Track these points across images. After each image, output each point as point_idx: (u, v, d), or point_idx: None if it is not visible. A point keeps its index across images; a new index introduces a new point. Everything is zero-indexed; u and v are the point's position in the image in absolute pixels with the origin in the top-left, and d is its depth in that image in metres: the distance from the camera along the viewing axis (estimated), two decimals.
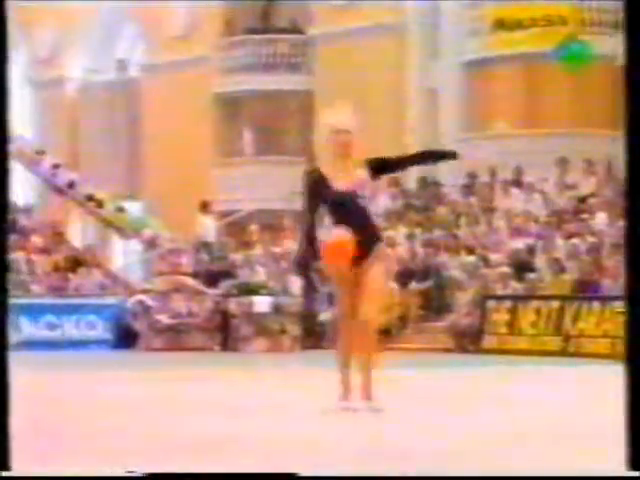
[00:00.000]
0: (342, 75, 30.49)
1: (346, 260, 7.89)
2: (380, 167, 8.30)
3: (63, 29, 37.89)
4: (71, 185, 30.85)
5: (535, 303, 23.23)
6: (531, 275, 23.50)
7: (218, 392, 12.38)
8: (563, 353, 21.77)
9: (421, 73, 32.02)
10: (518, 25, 31.32)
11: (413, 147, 26.84)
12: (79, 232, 32.37)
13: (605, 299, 22.62)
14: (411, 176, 29.47)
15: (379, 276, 8.25)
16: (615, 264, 23.01)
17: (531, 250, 24.62)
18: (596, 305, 22.78)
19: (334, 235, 7.99)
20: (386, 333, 22.14)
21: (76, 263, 26.67)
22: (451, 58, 31.85)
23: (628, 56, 3.79)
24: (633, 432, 3.58)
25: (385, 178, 12.67)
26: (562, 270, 23.70)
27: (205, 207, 29.18)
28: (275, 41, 34.31)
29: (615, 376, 4.97)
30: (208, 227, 29.28)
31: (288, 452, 6.56)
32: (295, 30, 34.72)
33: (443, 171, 29.37)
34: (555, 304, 22.88)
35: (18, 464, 3.80)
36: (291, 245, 25.04)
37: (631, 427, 3.58)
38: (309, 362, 19.53)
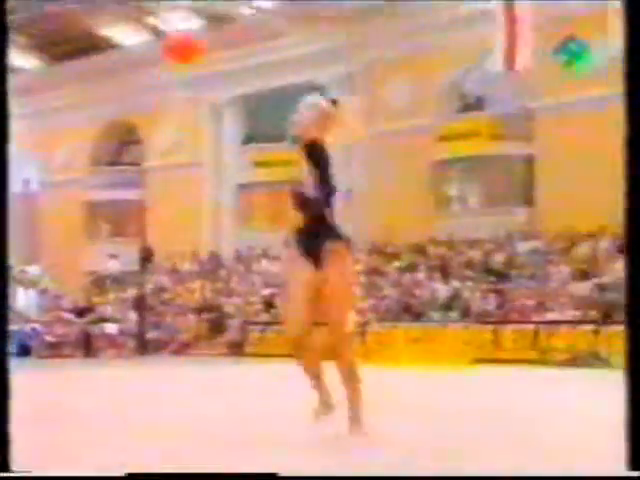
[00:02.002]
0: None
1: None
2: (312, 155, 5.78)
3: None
4: None
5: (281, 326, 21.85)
6: (272, 310, 24.39)
7: (84, 378, 14.90)
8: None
9: None
10: None
11: None
12: None
13: None
14: (204, 250, 31.20)
15: (342, 277, 5.77)
16: None
17: (273, 295, 25.08)
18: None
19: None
20: (186, 345, 24.56)
21: None
22: None
23: (628, 57, 3.01)
24: (633, 432, 2.90)
25: None
26: None
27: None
28: None
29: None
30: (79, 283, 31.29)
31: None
32: None
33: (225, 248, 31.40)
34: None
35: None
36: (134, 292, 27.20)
37: (631, 427, 2.91)
38: (142, 363, 20.72)
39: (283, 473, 2.84)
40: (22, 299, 29.24)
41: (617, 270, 20.77)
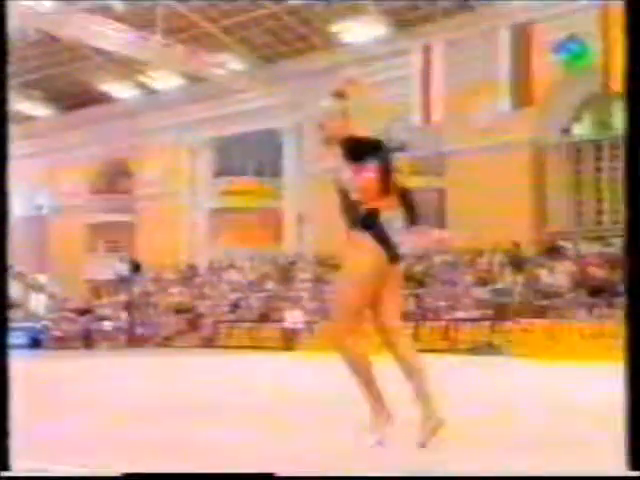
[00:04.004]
0: None
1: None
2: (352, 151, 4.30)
3: None
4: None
5: (245, 324, 23.62)
6: (238, 311, 25.00)
7: (85, 364, 15.11)
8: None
9: None
10: None
11: None
12: (13, 291, 27.23)
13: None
14: (182, 262, 31.02)
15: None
16: None
17: (238, 298, 25.77)
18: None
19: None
20: (167, 339, 24.46)
21: (12, 306, 26.40)
22: None
23: (628, 59, 2.45)
24: (633, 432, 2.36)
25: None
26: (249, 307, 25.11)
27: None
28: None
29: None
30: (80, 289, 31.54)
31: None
32: None
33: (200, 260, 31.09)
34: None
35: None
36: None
37: (631, 427, 2.36)
38: (131, 353, 20.71)
39: (281, 473, 2.43)
40: (34, 301, 29.85)
41: (507, 278, 21.18)
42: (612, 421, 4.63)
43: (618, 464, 2.52)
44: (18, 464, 2.42)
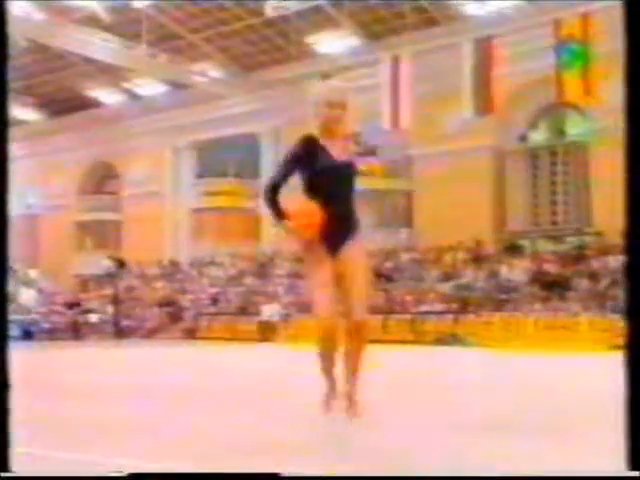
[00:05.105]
0: None
1: (313, 233, 3.85)
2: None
3: None
4: None
5: (224, 317, 23.49)
6: (217, 304, 24.89)
7: (73, 355, 14.76)
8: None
9: None
10: None
11: None
12: None
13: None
14: (166, 258, 30.81)
15: (364, 267, 4.15)
16: None
17: (217, 293, 25.72)
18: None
19: (302, 204, 3.93)
20: (151, 331, 24.21)
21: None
22: None
23: (628, 56, 2.19)
24: (633, 432, 2.14)
25: None
26: (229, 301, 24.86)
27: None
28: None
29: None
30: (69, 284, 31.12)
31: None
32: None
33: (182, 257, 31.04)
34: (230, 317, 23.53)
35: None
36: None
37: (631, 427, 2.15)
38: (117, 345, 20.66)
39: (286, 473, 2.31)
40: (25, 295, 28.62)
41: (469, 274, 21.33)
42: (562, 399, 4.88)
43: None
44: (19, 450, 2.39)
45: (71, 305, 26.64)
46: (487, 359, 12.58)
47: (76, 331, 24.64)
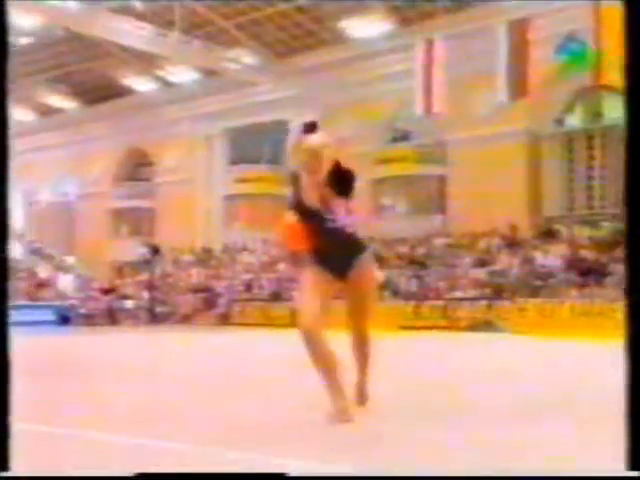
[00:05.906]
0: None
1: (301, 248, 4.13)
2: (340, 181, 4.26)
3: None
4: (38, 250, 32.12)
5: (257, 303, 23.42)
6: (255, 291, 24.64)
7: (109, 340, 15.22)
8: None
9: None
10: None
11: None
12: (43, 271, 29.60)
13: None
14: (199, 245, 30.79)
15: (371, 288, 4.60)
16: None
17: (251, 279, 25.40)
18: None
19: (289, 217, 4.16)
20: (186, 317, 24.28)
21: (41, 286, 27.66)
22: None
23: (628, 56, 2.29)
24: (633, 432, 2.16)
25: None
26: (261, 287, 24.76)
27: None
28: None
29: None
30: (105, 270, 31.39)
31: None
32: None
33: (215, 243, 30.80)
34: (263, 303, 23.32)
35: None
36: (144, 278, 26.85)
37: (631, 427, 2.16)
38: (152, 330, 20.35)
39: (292, 473, 2.36)
40: (62, 281, 28.88)
41: (504, 260, 21.13)
42: (597, 385, 5.01)
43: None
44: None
45: (107, 291, 26.78)
46: (522, 344, 12.41)
47: (112, 316, 24.89)
